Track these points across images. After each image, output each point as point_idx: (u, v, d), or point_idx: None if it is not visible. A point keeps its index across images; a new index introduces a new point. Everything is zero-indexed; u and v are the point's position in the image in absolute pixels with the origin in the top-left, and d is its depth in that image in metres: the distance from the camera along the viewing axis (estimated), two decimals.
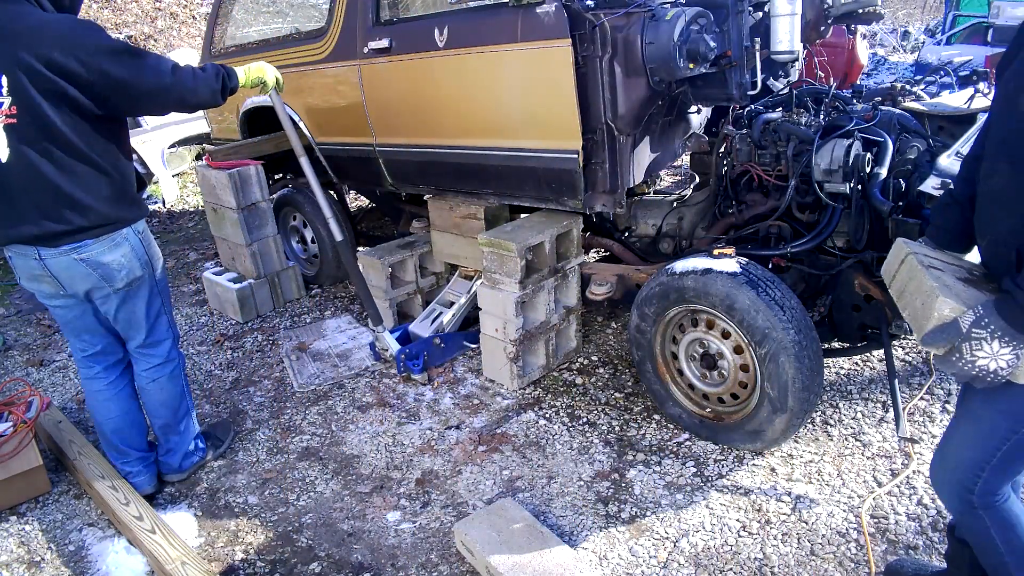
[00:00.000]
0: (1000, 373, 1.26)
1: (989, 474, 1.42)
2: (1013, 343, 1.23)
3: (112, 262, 2.14)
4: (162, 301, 2.38)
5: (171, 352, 2.44)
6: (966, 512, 1.50)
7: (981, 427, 1.41)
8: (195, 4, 10.10)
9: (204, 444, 2.65)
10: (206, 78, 2.18)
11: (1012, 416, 1.36)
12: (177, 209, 6.39)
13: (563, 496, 2.37)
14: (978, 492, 1.45)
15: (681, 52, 2.33)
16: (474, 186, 3.16)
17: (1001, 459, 1.39)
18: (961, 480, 1.46)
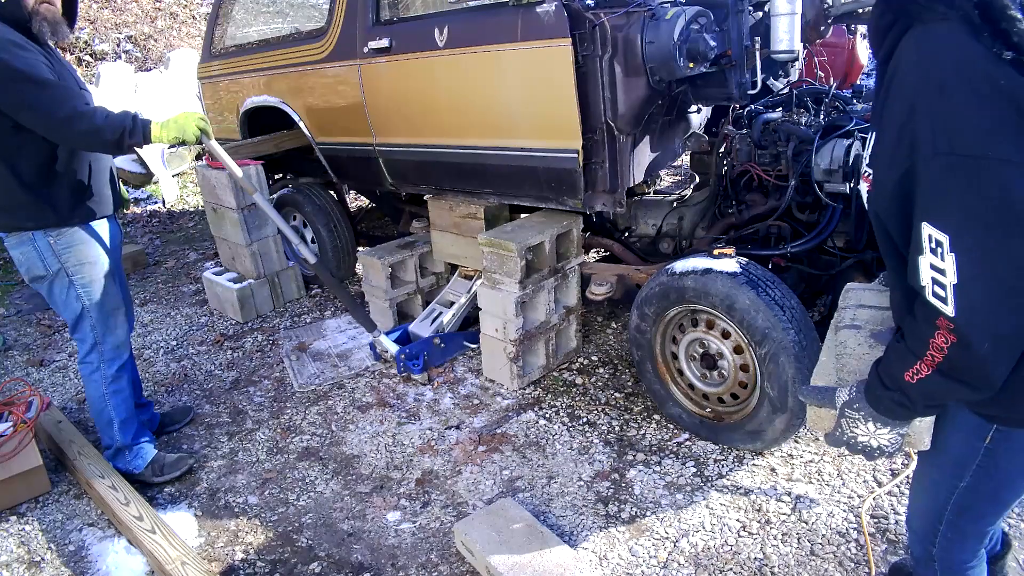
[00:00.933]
0: (887, 449, 1.21)
1: (946, 527, 1.35)
2: (888, 425, 1.18)
3: (15, 256, 2.34)
4: (84, 307, 2.39)
5: (88, 355, 2.47)
6: (923, 561, 1.45)
7: (926, 482, 1.38)
8: (195, 4, 10.09)
9: (140, 463, 2.57)
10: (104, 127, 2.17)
11: (945, 472, 1.31)
12: (177, 209, 6.39)
13: (563, 496, 2.37)
14: (938, 547, 1.39)
15: (681, 51, 2.33)
16: (474, 186, 3.16)
17: (953, 513, 1.33)
18: (924, 528, 1.42)
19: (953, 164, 0.96)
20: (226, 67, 4.16)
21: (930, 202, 0.99)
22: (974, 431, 1.21)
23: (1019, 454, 1.21)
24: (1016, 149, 0.93)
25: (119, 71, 7.67)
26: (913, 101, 1.00)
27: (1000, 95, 0.94)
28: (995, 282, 0.96)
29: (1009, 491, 1.28)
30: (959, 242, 0.97)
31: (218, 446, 2.81)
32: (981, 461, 1.24)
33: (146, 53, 9.22)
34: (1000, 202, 0.94)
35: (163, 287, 4.58)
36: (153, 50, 9.28)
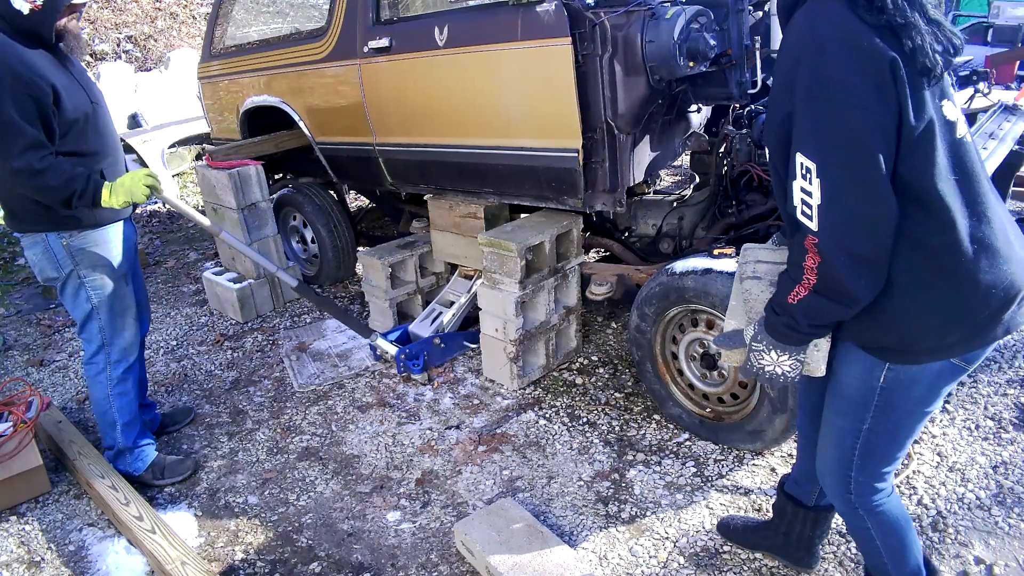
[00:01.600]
0: (789, 375, 1.38)
1: (856, 472, 1.50)
2: (787, 351, 1.35)
3: (29, 257, 2.37)
4: (94, 309, 2.40)
5: (95, 356, 2.47)
6: (849, 511, 1.57)
7: (832, 432, 1.51)
8: (195, 4, 10.10)
9: (140, 465, 2.57)
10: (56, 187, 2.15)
11: (847, 415, 1.45)
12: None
13: (563, 496, 2.37)
14: (854, 492, 1.52)
15: (681, 50, 2.33)
16: (474, 185, 3.16)
17: (860, 456, 1.47)
18: (838, 482, 1.54)
19: (822, 106, 1.17)
20: (226, 67, 4.16)
21: (803, 135, 1.20)
22: (870, 373, 1.38)
23: (910, 390, 1.37)
24: (874, 99, 1.15)
25: (119, 71, 7.68)
26: (798, 55, 1.22)
27: (866, 56, 1.16)
28: (848, 206, 1.18)
29: (906, 427, 1.43)
30: (823, 170, 1.18)
31: (218, 446, 2.81)
32: (878, 401, 1.39)
33: (146, 53, 9.22)
34: (854, 140, 1.16)
35: (163, 287, 4.58)
36: (153, 50, 9.28)
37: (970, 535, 2.06)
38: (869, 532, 1.56)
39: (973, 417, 2.57)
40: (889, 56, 1.16)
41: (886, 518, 1.54)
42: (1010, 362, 2.88)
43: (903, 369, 1.35)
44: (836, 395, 1.48)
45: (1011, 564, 1.96)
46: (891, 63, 1.16)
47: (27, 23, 2.14)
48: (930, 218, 1.23)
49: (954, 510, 2.15)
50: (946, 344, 1.30)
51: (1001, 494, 2.20)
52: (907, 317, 1.28)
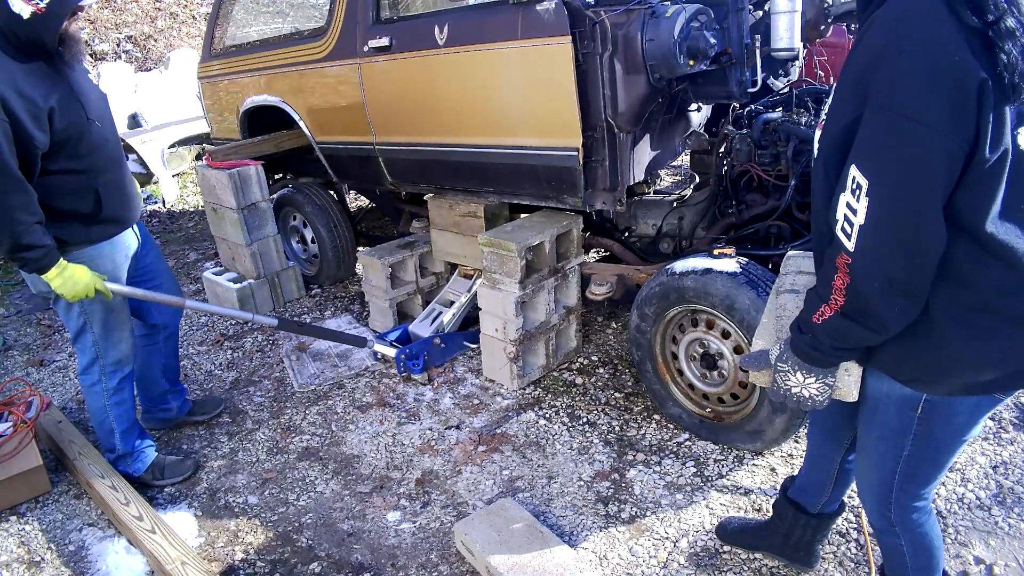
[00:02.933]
0: (816, 398, 1.31)
1: (897, 495, 1.47)
2: (813, 373, 1.29)
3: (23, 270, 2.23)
4: (86, 323, 2.33)
5: (90, 368, 2.42)
6: (886, 529, 1.55)
7: (872, 456, 1.48)
8: (195, 4, 10.10)
9: (140, 467, 2.56)
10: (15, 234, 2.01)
11: (887, 441, 1.41)
12: (177, 209, 6.38)
13: (563, 496, 2.37)
14: (895, 511, 1.50)
15: (681, 49, 2.33)
16: (474, 184, 3.16)
17: (900, 479, 1.44)
18: (878, 501, 1.51)
19: (891, 120, 1.07)
20: (226, 67, 4.16)
21: (863, 148, 1.11)
22: (907, 403, 1.32)
23: (950, 420, 1.32)
24: (947, 121, 1.03)
25: (119, 71, 7.68)
26: (879, 53, 1.09)
27: (952, 69, 1.03)
28: (893, 231, 1.09)
29: (946, 454, 1.40)
30: (875, 189, 1.09)
31: (218, 446, 2.81)
32: (917, 430, 1.35)
33: (146, 53, 9.22)
34: (917, 164, 1.06)
35: None
36: (153, 50, 9.28)
37: (970, 535, 2.06)
38: (902, 549, 1.55)
39: None
40: (979, 76, 1.03)
41: (922, 538, 1.52)
42: None
43: (942, 401, 1.29)
44: (873, 422, 1.41)
45: (1011, 564, 1.96)
46: (980, 84, 1.03)
47: (27, 30, 1.98)
48: (987, 255, 1.14)
49: (954, 510, 2.15)
50: (983, 382, 1.23)
51: (1001, 494, 2.20)
52: (944, 353, 1.21)
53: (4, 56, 1.99)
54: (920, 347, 1.22)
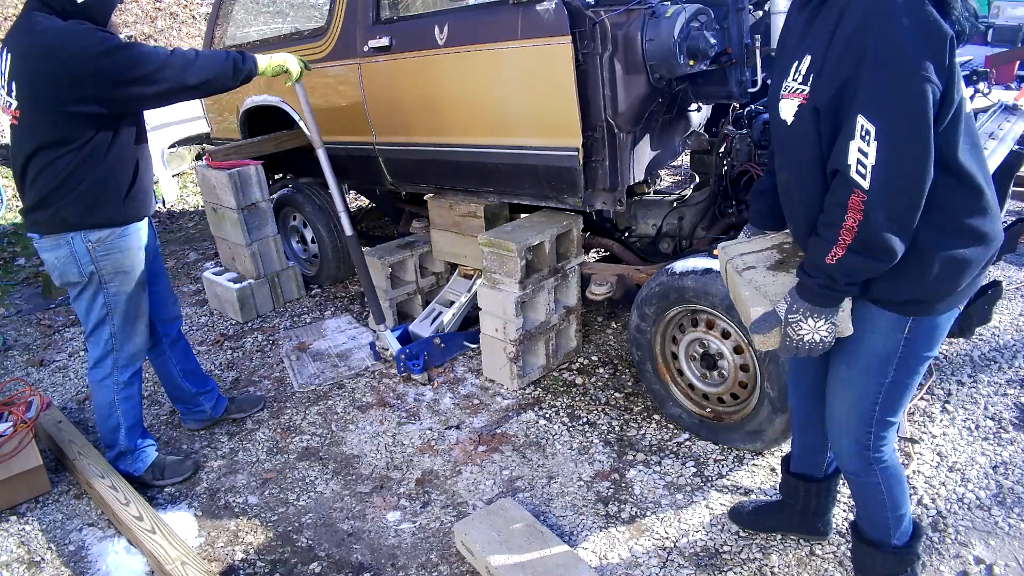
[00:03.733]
0: (826, 339, 1.45)
1: (876, 427, 1.59)
2: (823, 314, 1.43)
3: (48, 260, 2.30)
4: (108, 314, 2.36)
5: (102, 361, 2.43)
6: (864, 469, 1.65)
7: (854, 390, 1.58)
8: (195, 4, 10.10)
9: (141, 466, 2.57)
10: (212, 57, 2.27)
11: (872, 372, 1.54)
12: (177, 209, 6.38)
13: (563, 496, 2.37)
14: (872, 448, 1.61)
15: (681, 49, 2.33)
16: (474, 184, 3.16)
17: (881, 410, 1.57)
18: (856, 443, 1.62)
19: (892, 74, 1.25)
20: None
21: (869, 99, 1.27)
22: (895, 327, 1.48)
23: (929, 336, 1.50)
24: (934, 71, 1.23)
25: None
26: (866, 21, 1.27)
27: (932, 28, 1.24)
28: (899, 168, 1.27)
29: (918, 374, 1.55)
30: (883, 134, 1.25)
31: (218, 446, 2.81)
32: (902, 352, 1.50)
33: None
34: (917, 109, 1.24)
35: None
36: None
37: (970, 535, 2.06)
38: (879, 486, 1.65)
39: (973, 417, 2.56)
40: (949, 33, 1.24)
41: (893, 469, 1.65)
42: (1010, 362, 2.88)
43: (925, 320, 1.47)
44: (859, 356, 1.54)
45: (1011, 564, 1.96)
46: (950, 40, 1.24)
47: (80, 12, 2.10)
48: (957, 183, 1.35)
49: (954, 510, 2.15)
50: (959, 292, 1.44)
51: (1001, 494, 2.20)
52: (931, 271, 1.39)
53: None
54: (910, 270, 1.39)
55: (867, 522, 1.76)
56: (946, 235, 1.38)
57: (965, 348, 3.00)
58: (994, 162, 2.18)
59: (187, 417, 2.89)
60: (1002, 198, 2.76)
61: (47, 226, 2.24)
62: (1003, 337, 3.07)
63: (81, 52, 2.04)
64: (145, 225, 2.42)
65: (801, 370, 1.80)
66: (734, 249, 1.65)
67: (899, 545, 1.73)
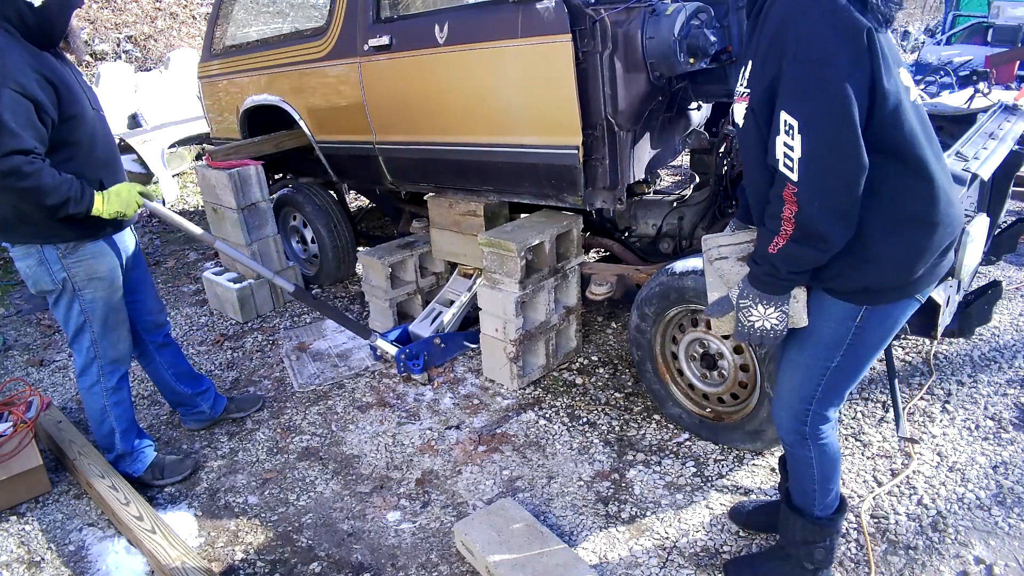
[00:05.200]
0: (777, 327, 1.52)
1: (816, 406, 1.67)
2: (772, 302, 1.49)
3: (21, 268, 2.27)
4: (86, 321, 2.33)
5: (88, 368, 2.42)
6: (798, 443, 1.74)
7: (800, 372, 1.65)
8: (195, 4, 10.10)
9: (140, 467, 2.56)
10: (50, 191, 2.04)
11: (819, 356, 1.60)
12: (177, 209, 6.38)
13: (563, 496, 2.37)
14: (809, 424, 1.69)
15: (682, 47, 2.33)
16: (474, 183, 3.16)
17: (823, 392, 1.64)
18: (793, 418, 1.70)
19: (806, 67, 1.30)
20: (226, 66, 4.16)
21: (788, 94, 1.33)
22: (848, 315, 1.52)
23: (880, 326, 1.54)
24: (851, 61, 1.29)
25: (119, 71, 7.67)
26: (785, 21, 1.34)
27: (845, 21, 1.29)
28: (825, 159, 1.31)
29: (867, 361, 1.61)
30: (805, 127, 1.30)
31: (218, 446, 2.81)
32: (851, 339, 1.55)
33: (146, 53, 9.23)
34: (833, 100, 1.28)
35: (163, 287, 4.58)
36: (153, 50, 9.28)
37: (970, 535, 2.06)
38: (811, 461, 1.74)
39: (973, 417, 2.56)
40: (864, 25, 1.29)
41: (828, 449, 1.73)
42: (1010, 362, 2.87)
43: (879, 309, 1.51)
44: (808, 341, 1.60)
45: (1011, 564, 1.96)
46: (867, 31, 1.29)
47: (37, 18, 2.03)
48: (908, 169, 1.38)
49: (954, 510, 2.15)
50: (913, 280, 1.47)
51: (1001, 494, 2.20)
52: (883, 259, 1.43)
53: (15, 41, 2.03)
54: (861, 259, 1.43)
55: (796, 489, 1.84)
56: (895, 224, 1.41)
57: (965, 348, 3.00)
58: (994, 162, 2.17)
59: (187, 418, 2.89)
60: (1002, 198, 2.76)
61: (14, 236, 2.21)
62: (1003, 337, 3.07)
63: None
64: (121, 237, 2.37)
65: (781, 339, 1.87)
66: (714, 241, 1.73)
67: (820, 516, 1.80)
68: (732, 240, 1.71)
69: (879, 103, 1.32)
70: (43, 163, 2.05)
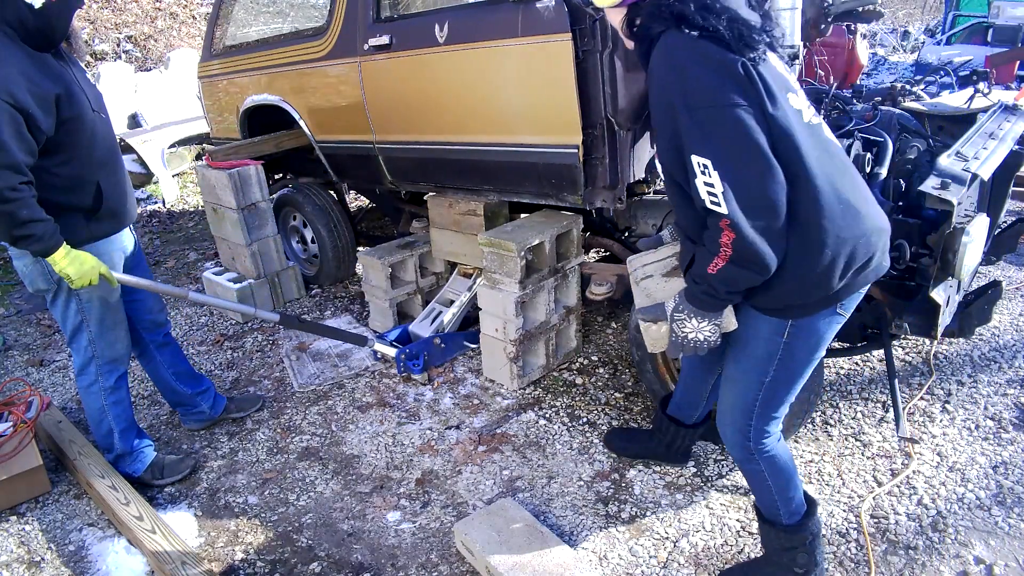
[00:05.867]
0: (710, 339, 1.60)
1: (756, 420, 1.73)
2: (707, 317, 1.58)
3: (18, 267, 2.27)
4: (83, 320, 2.33)
5: (86, 368, 2.42)
6: (745, 459, 1.81)
7: (738, 387, 1.73)
8: (195, 4, 10.10)
9: (140, 467, 2.56)
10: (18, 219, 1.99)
11: (753, 371, 1.68)
12: (177, 209, 6.39)
13: (563, 496, 2.37)
14: (752, 438, 1.76)
15: None
16: (474, 182, 3.16)
17: (761, 405, 1.71)
18: (738, 431, 1.77)
19: (701, 112, 1.39)
20: (226, 66, 4.16)
21: (691, 141, 1.41)
22: (775, 331, 1.60)
23: (807, 339, 1.61)
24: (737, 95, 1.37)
25: (119, 71, 7.67)
26: (664, 83, 1.45)
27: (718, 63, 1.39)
28: (745, 187, 1.39)
29: (800, 374, 1.67)
30: (717, 163, 1.38)
31: (218, 446, 2.81)
32: (781, 354, 1.63)
33: (146, 53, 9.23)
34: (734, 131, 1.38)
35: None
36: (153, 50, 9.29)
37: (970, 535, 2.06)
38: (763, 474, 1.81)
39: (973, 417, 2.56)
40: (738, 60, 1.39)
41: (776, 461, 1.79)
42: (1010, 362, 2.88)
43: (803, 322, 1.58)
44: (742, 356, 1.69)
45: (1011, 564, 1.96)
46: (742, 64, 1.39)
47: (38, 20, 2.00)
48: (802, 192, 1.44)
49: (954, 510, 2.15)
50: (831, 294, 1.53)
51: (1001, 494, 2.20)
52: (795, 275, 1.49)
53: (14, 45, 2.01)
54: (778, 278, 1.49)
55: (760, 503, 1.90)
56: (803, 242, 1.46)
57: (965, 348, 3.00)
58: (994, 162, 2.17)
59: (187, 418, 2.88)
60: (1002, 198, 2.76)
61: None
62: (1003, 337, 3.07)
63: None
64: (120, 237, 2.36)
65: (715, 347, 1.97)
66: (639, 261, 1.81)
67: (789, 524, 1.85)
68: (656, 258, 1.78)
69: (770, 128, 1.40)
70: (27, 193, 2.00)
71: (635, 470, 2.45)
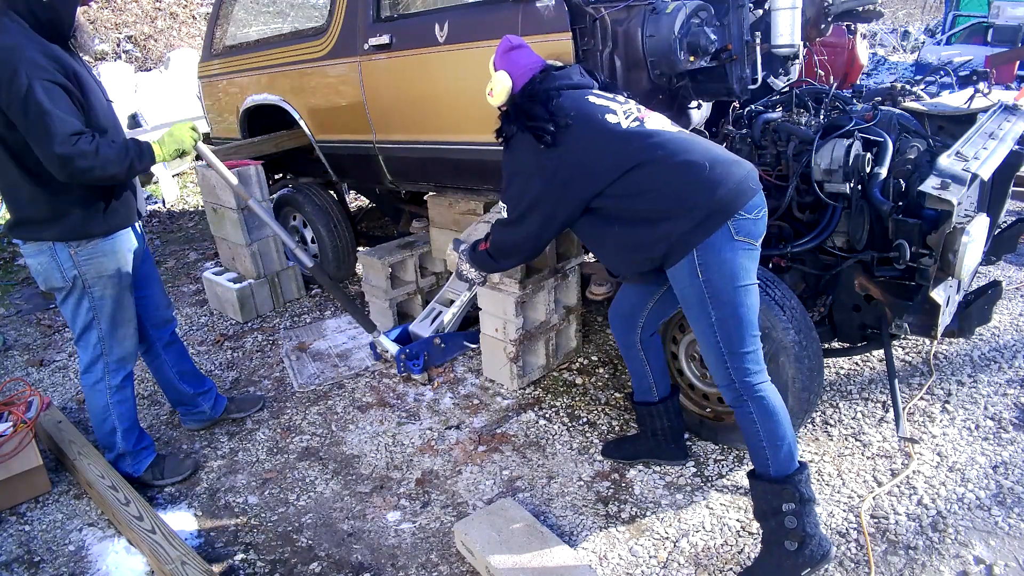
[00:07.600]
0: (476, 280, 2.37)
1: (729, 360, 1.83)
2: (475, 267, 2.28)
3: (32, 265, 2.30)
4: (94, 318, 2.34)
5: (93, 365, 2.42)
6: (735, 399, 1.88)
7: (701, 336, 1.86)
8: (195, 4, 10.09)
9: (140, 467, 2.57)
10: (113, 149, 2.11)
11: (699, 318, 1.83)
12: (177, 209, 6.39)
13: (563, 496, 2.37)
14: (735, 377, 1.84)
15: (682, 45, 2.33)
16: (474, 182, 3.16)
17: (724, 344, 1.82)
18: (722, 376, 1.87)
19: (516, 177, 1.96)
20: (226, 66, 4.16)
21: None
22: (691, 273, 1.78)
23: (720, 269, 1.76)
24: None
25: (119, 71, 7.67)
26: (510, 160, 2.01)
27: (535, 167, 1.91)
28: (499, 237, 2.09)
29: (738, 305, 1.78)
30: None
31: (218, 446, 2.81)
32: (708, 292, 1.78)
33: (146, 53, 9.22)
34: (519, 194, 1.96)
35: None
36: (153, 50, 9.28)
37: (970, 535, 2.06)
38: (752, 416, 1.86)
39: (973, 417, 2.56)
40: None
41: (765, 402, 1.84)
42: (1010, 362, 2.87)
43: (701, 247, 1.75)
44: (687, 309, 1.86)
45: (1011, 564, 1.96)
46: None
47: (48, 12, 2.09)
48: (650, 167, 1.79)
49: (954, 510, 2.15)
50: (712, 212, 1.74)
51: (1001, 494, 2.20)
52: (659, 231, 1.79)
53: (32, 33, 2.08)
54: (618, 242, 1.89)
55: (751, 455, 1.93)
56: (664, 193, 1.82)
57: (965, 348, 3.00)
58: (994, 162, 2.17)
59: (187, 418, 2.88)
60: (1002, 198, 2.76)
61: (27, 232, 2.24)
62: (1003, 337, 3.07)
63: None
64: (129, 233, 2.39)
65: (617, 304, 2.26)
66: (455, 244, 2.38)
67: (776, 475, 1.85)
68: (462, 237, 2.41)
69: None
70: (97, 137, 2.10)
71: (635, 470, 2.45)
